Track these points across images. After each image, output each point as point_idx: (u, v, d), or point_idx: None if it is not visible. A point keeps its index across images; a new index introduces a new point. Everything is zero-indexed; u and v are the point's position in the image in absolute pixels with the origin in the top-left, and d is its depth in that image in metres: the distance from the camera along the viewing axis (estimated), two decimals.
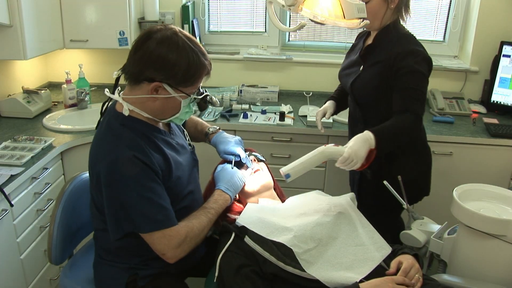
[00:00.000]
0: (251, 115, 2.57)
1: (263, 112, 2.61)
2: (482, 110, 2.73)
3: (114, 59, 2.86)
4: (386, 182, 1.62)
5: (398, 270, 1.27)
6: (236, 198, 1.52)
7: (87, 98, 2.60)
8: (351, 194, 1.55)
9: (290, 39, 3.06)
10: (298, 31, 3.01)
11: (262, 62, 2.94)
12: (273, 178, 1.63)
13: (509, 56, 2.60)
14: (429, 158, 1.94)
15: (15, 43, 2.15)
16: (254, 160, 1.62)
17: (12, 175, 1.77)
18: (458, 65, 2.84)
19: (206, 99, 1.35)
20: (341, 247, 1.33)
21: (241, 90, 2.83)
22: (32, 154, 1.95)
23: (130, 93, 1.29)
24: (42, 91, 2.54)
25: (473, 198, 1.54)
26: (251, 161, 1.59)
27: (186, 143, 1.48)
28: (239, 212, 1.46)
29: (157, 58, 1.21)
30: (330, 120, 2.45)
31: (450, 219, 1.59)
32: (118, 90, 1.34)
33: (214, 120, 2.50)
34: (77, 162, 2.21)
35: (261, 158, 1.65)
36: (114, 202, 1.23)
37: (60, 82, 2.82)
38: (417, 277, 1.25)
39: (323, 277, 1.23)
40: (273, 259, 1.26)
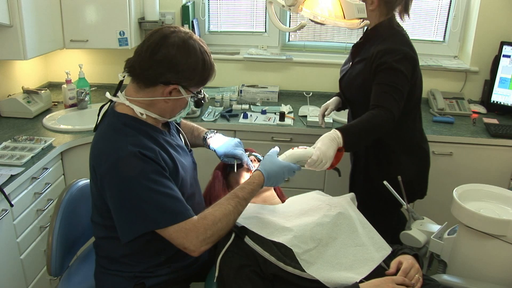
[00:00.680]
0: (251, 115, 2.57)
1: (263, 112, 2.61)
2: (482, 110, 2.74)
3: (114, 59, 2.84)
4: (386, 182, 1.62)
5: (398, 270, 1.27)
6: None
7: (87, 98, 2.61)
8: (351, 194, 1.56)
9: (290, 39, 3.06)
10: (298, 31, 3.01)
11: (262, 62, 2.94)
12: None
13: (509, 56, 2.60)
14: (424, 160, 1.90)
15: (15, 43, 2.15)
16: (254, 160, 1.62)
17: (12, 175, 1.77)
18: (458, 65, 2.84)
19: (204, 97, 1.37)
20: (341, 247, 1.33)
21: (241, 90, 2.83)
22: (32, 154, 1.95)
23: (137, 94, 1.28)
24: (42, 91, 2.55)
25: (473, 198, 1.54)
26: (251, 161, 1.60)
27: (184, 146, 1.48)
28: None
29: (178, 63, 1.23)
30: (330, 120, 2.45)
31: (450, 219, 1.59)
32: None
33: (214, 120, 2.50)
34: (77, 162, 2.21)
35: (261, 158, 1.64)
36: (124, 202, 1.20)
37: (60, 82, 2.82)
38: (417, 277, 1.25)
39: (323, 277, 1.23)
40: (273, 259, 1.25)
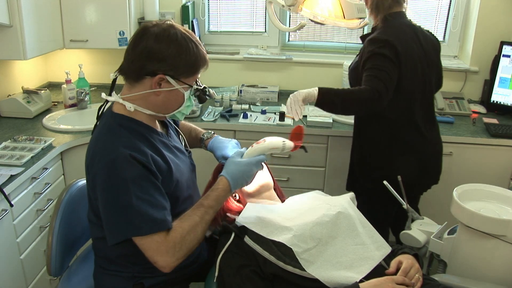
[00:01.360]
0: (251, 115, 2.57)
1: (263, 112, 2.61)
2: (482, 110, 2.73)
3: (114, 59, 2.83)
4: (386, 182, 1.62)
5: (398, 269, 1.27)
6: (236, 198, 1.52)
7: (87, 98, 2.61)
8: (351, 194, 1.55)
9: (290, 39, 3.06)
10: (298, 31, 3.01)
11: (262, 62, 2.94)
12: (273, 178, 1.63)
13: (509, 56, 2.60)
14: (415, 162, 1.92)
15: (15, 43, 2.15)
16: None
17: (12, 175, 1.77)
18: (458, 65, 2.84)
19: (206, 91, 1.35)
20: (341, 246, 1.33)
21: (241, 90, 2.83)
22: (32, 154, 1.95)
23: (130, 91, 1.28)
24: (42, 91, 2.55)
25: (473, 198, 1.54)
26: None
27: (183, 147, 1.47)
28: (239, 212, 1.46)
29: (158, 51, 1.21)
30: (330, 120, 2.45)
31: (450, 219, 1.59)
32: (114, 92, 1.32)
33: (214, 120, 2.50)
34: (77, 162, 2.21)
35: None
36: (109, 205, 1.19)
37: (60, 82, 2.82)
38: (417, 277, 1.25)
39: (323, 276, 1.23)
40: (272, 259, 1.25)
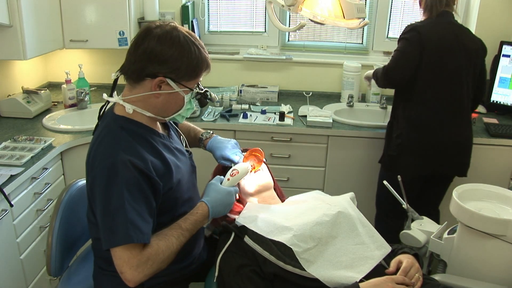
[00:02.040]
0: (251, 115, 2.57)
1: (263, 112, 2.61)
2: (482, 110, 2.73)
3: (114, 59, 2.84)
4: (386, 182, 1.62)
5: (398, 269, 1.27)
6: (236, 197, 1.51)
7: (87, 98, 2.61)
8: (351, 194, 1.55)
9: (290, 39, 3.06)
10: (298, 31, 3.01)
11: (262, 62, 2.94)
12: (273, 178, 1.63)
13: (509, 56, 2.60)
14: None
15: (15, 43, 2.15)
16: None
17: (12, 175, 1.77)
18: None
19: (207, 95, 1.35)
20: (341, 246, 1.33)
21: (241, 90, 2.83)
22: (32, 154, 1.95)
23: (130, 92, 1.27)
24: (42, 91, 2.54)
25: (473, 198, 1.54)
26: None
27: (183, 149, 1.47)
28: (239, 212, 1.46)
29: (159, 53, 1.20)
30: (330, 120, 2.45)
31: (450, 219, 1.59)
32: (116, 92, 1.32)
33: (214, 120, 2.50)
34: (77, 162, 2.21)
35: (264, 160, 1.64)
36: (103, 208, 1.18)
37: (60, 82, 2.82)
38: (417, 276, 1.25)
39: (323, 276, 1.23)
40: (272, 259, 1.25)
